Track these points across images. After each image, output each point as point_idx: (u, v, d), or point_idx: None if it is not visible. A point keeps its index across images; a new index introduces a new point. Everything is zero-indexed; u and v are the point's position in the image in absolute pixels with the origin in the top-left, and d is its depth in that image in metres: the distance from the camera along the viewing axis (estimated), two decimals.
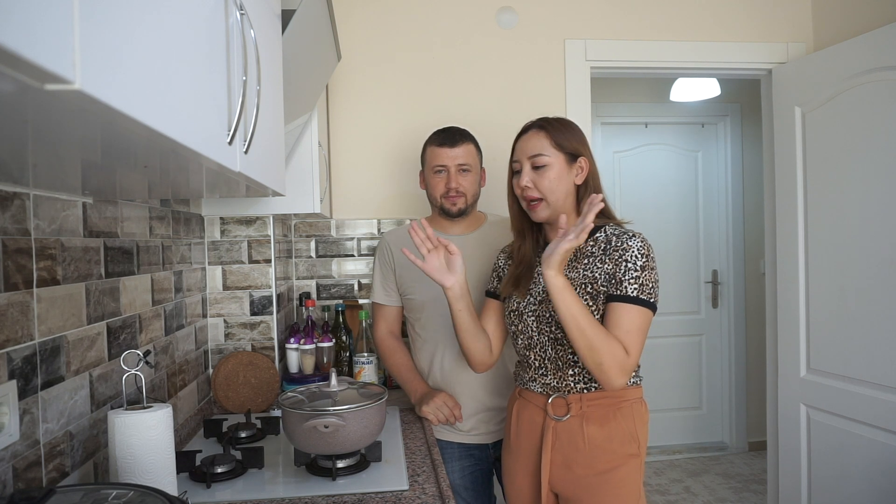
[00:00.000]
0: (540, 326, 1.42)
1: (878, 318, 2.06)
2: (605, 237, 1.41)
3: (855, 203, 2.15)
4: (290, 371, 1.97)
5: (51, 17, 0.36)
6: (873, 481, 2.08)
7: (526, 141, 1.43)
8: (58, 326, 1.03)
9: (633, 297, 1.32)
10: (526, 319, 1.45)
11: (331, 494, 1.24)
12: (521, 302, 1.46)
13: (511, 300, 1.50)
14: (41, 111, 0.46)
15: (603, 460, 1.37)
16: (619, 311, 1.32)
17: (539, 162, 1.39)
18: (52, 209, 1.02)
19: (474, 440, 1.78)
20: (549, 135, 1.41)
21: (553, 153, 1.40)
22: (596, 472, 1.37)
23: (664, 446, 3.97)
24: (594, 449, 1.37)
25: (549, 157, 1.39)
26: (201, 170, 0.84)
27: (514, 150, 1.46)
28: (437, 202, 1.80)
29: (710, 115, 3.96)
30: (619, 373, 1.29)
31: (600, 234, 1.42)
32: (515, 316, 1.48)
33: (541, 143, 1.41)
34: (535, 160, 1.40)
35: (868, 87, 2.09)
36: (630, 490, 1.38)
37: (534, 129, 1.44)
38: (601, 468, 1.37)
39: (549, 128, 1.42)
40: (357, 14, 2.41)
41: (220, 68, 0.76)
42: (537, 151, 1.40)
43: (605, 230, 1.43)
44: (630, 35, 2.52)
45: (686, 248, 3.98)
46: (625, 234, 1.39)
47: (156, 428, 1.05)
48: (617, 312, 1.32)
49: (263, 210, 1.87)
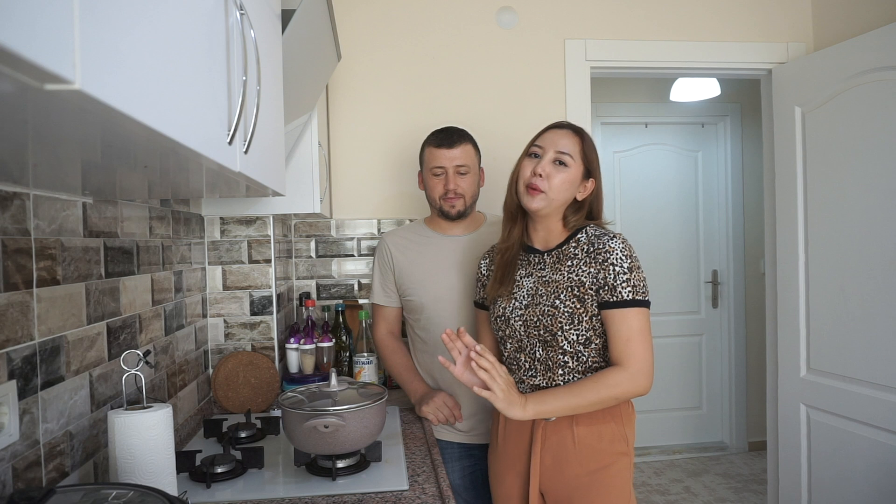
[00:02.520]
0: (528, 331, 1.42)
1: (878, 318, 2.06)
2: (586, 238, 1.42)
3: (855, 203, 2.15)
4: (290, 371, 1.97)
5: (51, 17, 0.36)
6: (873, 481, 2.08)
7: (560, 136, 1.44)
8: (58, 326, 1.03)
9: (629, 301, 1.34)
10: (513, 324, 1.45)
11: (331, 494, 1.24)
12: (507, 307, 1.46)
13: (497, 305, 1.49)
14: (41, 111, 0.46)
15: (594, 460, 1.38)
16: (617, 319, 1.34)
17: (563, 159, 1.41)
18: (52, 209, 1.02)
19: (474, 440, 1.78)
20: (582, 144, 1.44)
21: (577, 160, 1.42)
22: (587, 471, 1.38)
23: (664, 446, 3.97)
24: (584, 449, 1.38)
25: (573, 160, 1.41)
26: (201, 170, 0.84)
27: (540, 137, 1.46)
28: (436, 203, 1.80)
29: (710, 115, 3.96)
30: (637, 386, 1.34)
31: (581, 236, 1.43)
32: (502, 321, 1.47)
33: (573, 145, 1.42)
34: (560, 156, 1.41)
35: (868, 87, 2.09)
36: (621, 487, 1.39)
37: (571, 130, 1.45)
38: (592, 467, 1.38)
39: (585, 137, 1.45)
40: (357, 14, 2.41)
41: (220, 68, 0.76)
42: (568, 150, 1.41)
43: (587, 231, 1.44)
44: (630, 35, 2.52)
45: (686, 248, 3.98)
46: (605, 236, 1.40)
47: (156, 428, 1.04)
48: (616, 321, 1.34)
49: (263, 210, 1.87)
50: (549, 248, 1.45)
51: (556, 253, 1.43)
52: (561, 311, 1.37)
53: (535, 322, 1.40)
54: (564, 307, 1.37)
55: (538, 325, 1.40)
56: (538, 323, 1.40)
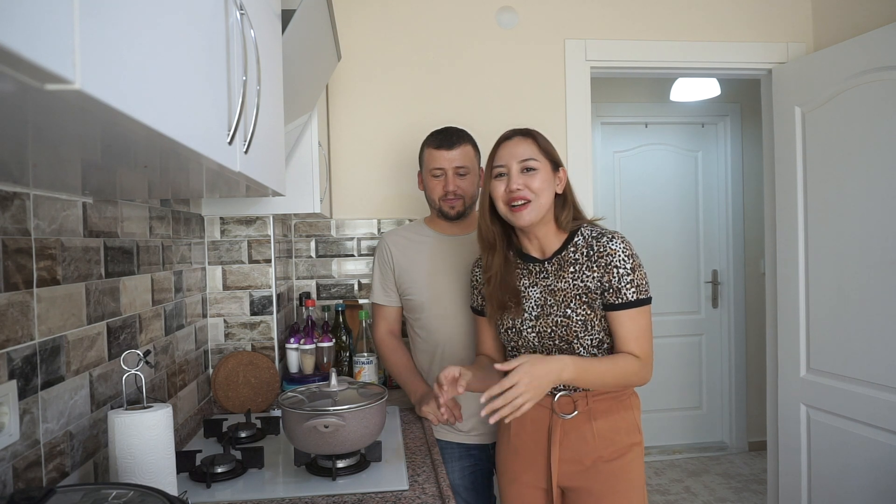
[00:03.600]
0: (543, 341, 1.43)
1: (878, 318, 2.06)
2: (583, 241, 1.42)
3: (855, 203, 2.15)
4: (290, 371, 1.97)
5: (51, 18, 0.36)
6: (873, 481, 2.08)
7: (514, 146, 1.43)
8: (58, 326, 1.03)
9: (633, 301, 1.37)
10: (526, 335, 1.45)
11: (331, 494, 1.24)
12: (517, 319, 1.46)
13: (505, 317, 1.49)
14: (41, 111, 0.46)
15: (610, 449, 1.41)
16: (624, 320, 1.37)
17: (530, 165, 1.40)
18: (52, 209, 1.02)
19: (474, 440, 1.78)
20: (537, 142, 1.43)
21: (542, 159, 1.41)
22: (604, 459, 1.41)
23: (664, 446, 3.97)
24: (601, 440, 1.41)
25: (538, 161, 1.41)
26: (201, 170, 0.84)
27: (497, 156, 1.44)
28: (436, 204, 1.80)
29: (710, 115, 3.96)
30: (644, 377, 1.39)
31: (578, 238, 1.43)
32: (514, 333, 1.47)
33: (531, 149, 1.42)
34: (526, 163, 1.40)
35: (868, 87, 2.09)
36: (636, 473, 1.43)
37: (520, 136, 1.44)
38: (609, 456, 1.41)
39: (536, 136, 1.45)
40: (357, 14, 2.41)
41: (220, 68, 0.76)
42: (528, 156, 1.41)
43: (582, 232, 1.43)
44: (630, 35, 2.52)
45: (686, 248, 3.98)
46: (604, 237, 1.40)
47: (156, 428, 1.04)
48: (623, 321, 1.37)
49: (263, 210, 1.87)
50: (548, 256, 1.45)
51: (557, 260, 1.43)
52: (574, 321, 1.39)
53: (550, 333, 1.41)
54: (577, 315, 1.38)
55: (553, 336, 1.41)
56: (552, 334, 1.41)
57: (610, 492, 1.40)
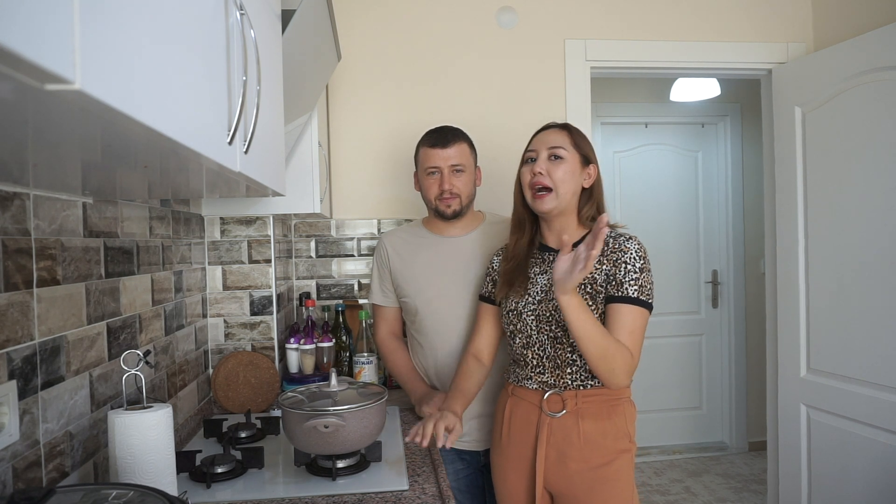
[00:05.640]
0: (539, 325, 1.44)
1: (878, 318, 2.06)
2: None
3: (855, 203, 2.15)
4: (290, 371, 1.97)
5: (51, 18, 0.36)
6: (873, 481, 2.08)
7: (547, 135, 1.50)
8: (58, 326, 1.03)
9: (633, 298, 1.37)
10: (525, 318, 1.47)
11: (331, 494, 1.24)
12: (520, 302, 1.48)
13: (508, 300, 1.51)
14: (41, 111, 0.46)
15: (597, 455, 1.40)
16: (621, 311, 1.37)
17: (557, 153, 1.46)
18: (52, 209, 1.02)
19: (466, 446, 1.74)
20: (571, 135, 1.49)
21: (571, 151, 1.47)
22: (590, 466, 1.39)
23: (664, 446, 3.96)
24: (588, 444, 1.40)
25: (567, 151, 1.46)
26: (201, 170, 0.84)
27: (532, 141, 1.52)
28: (432, 204, 1.76)
29: (710, 115, 3.96)
30: (627, 374, 1.37)
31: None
32: (514, 315, 1.49)
33: (562, 139, 1.48)
34: (553, 151, 1.46)
35: (868, 87, 2.09)
36: (624, 483, 1.41)
37: (556, 128, 1.52)
38: (595, 463, 1.39)
39: (572, 129, 1.52)
40: (357, 14, 2.41)
41: (220, 68, 0.76)
42: (558, 144, 1.47)
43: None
44: (630, 35, 2.52)
45: (686, 248, 3.98)
46: (621, 237, 1.44)
47: (156, 428, 1.05)
48: (619, 313, 1.37)
49: (263, 210, 1.87)
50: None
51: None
52: None
53: (548, 317, 1.43)
54: None
55: (550, 321, 1.43)
56: (550, 318, 1.43)
57: (596, 499, 1.39)
